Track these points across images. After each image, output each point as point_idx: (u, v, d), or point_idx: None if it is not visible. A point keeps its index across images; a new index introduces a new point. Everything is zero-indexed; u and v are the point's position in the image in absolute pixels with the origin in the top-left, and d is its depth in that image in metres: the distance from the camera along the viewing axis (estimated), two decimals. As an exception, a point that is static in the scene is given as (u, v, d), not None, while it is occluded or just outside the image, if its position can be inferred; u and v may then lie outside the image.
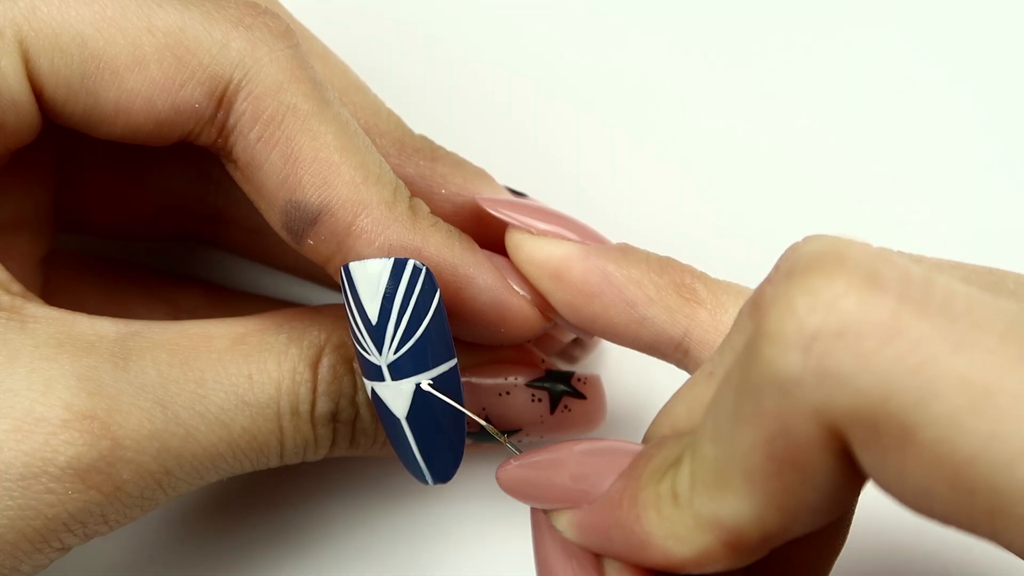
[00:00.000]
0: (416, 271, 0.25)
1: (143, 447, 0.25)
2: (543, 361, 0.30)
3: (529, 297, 0.28)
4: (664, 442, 0.22)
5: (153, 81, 0.25)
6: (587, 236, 0.29)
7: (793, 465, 0.18)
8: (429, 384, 0.25)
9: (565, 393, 0.29)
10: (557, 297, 0.27)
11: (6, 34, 0.25)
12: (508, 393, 0.29)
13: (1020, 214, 0.35)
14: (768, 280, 0.21)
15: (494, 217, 0.29)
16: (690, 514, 0.20)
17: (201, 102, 0.26)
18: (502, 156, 0.34)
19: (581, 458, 0.24)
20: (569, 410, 0.29)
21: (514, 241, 0.28)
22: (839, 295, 0.17)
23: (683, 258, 0.28)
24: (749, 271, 0.26)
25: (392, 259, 0.25)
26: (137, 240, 0.34)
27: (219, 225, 0.33)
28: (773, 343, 0.18)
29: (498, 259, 0.28)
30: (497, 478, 0.25)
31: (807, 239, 0.20)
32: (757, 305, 0.21)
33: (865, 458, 0.18)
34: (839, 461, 0.18)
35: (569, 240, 0.28)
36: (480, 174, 0.31)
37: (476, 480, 0.33)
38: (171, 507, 0.32)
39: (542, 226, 0.28)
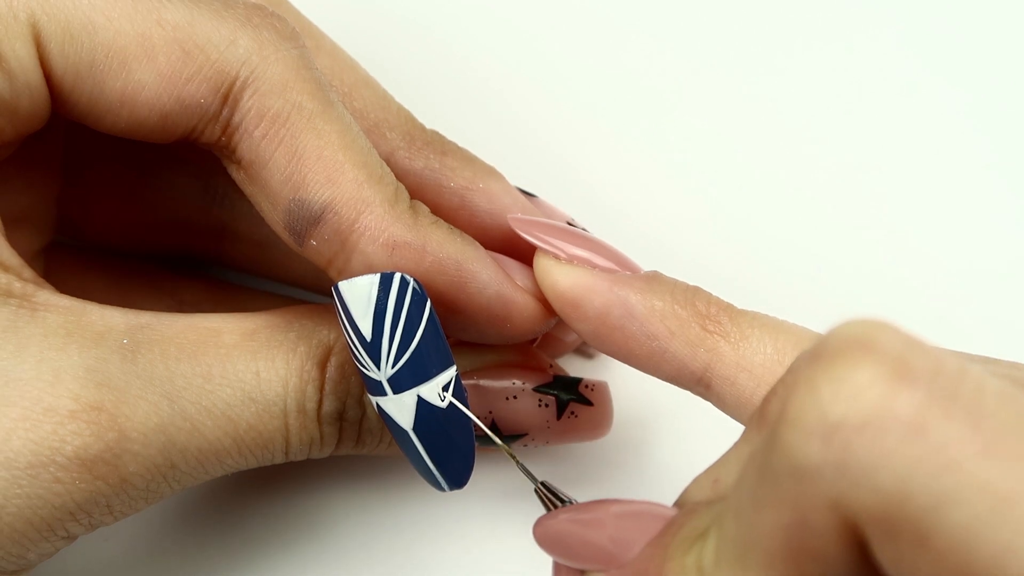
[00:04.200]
0: (404, 283, 0.25)
1: (149, 440, 0.25)
2: (551, 367, 0.30)
3: (533, 291, 0.28)
4: (695, 511, 0.22)
5: (160, 73, 0.25)
6: (619, 262, 0.28)
7: (810, 554, 0.18)
8: (441, 394, 0.26)
9: (572, 399, 0.29)
10: (579, 327, 0.27)
11: (20, 17, 0.25)
12: (515, 397, 0.29)
13: (1021, 216, 0.35)
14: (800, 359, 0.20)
15: (501, 219, 0.29)
16: None
17: (206, 97, 0.26)
18: (511, 154, 0.34)
19: (616, 520, 0.23)
20: (576, 416, 0.29)
21: (541, 267, 0.28)
22: (864, 386, 0.17)
23: (687, 259, 0.28)
24: (754, 271, 0.26)
25: (379, 275, 0.25)
26: (139, 253, 0.33)
27: (223, 239, 0.33)
28: (794, 429, 0.17)
29: (500, 257, 0.28)
30: (534, 533, 0.25)
31: (845, 323, 0.19)
32: (786, 384, 0.20)
33: (881, 554, 0.17)
34: (857, 554, 0.17)
35: (597, 268, 0.27)
36: (490, 171, 0.31)
37: (480, 481, 0.32)
38: (175, 500, 0.32)
39: (573, 250, 0.28)
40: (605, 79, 0.37)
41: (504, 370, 0.29)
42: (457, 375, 0.26)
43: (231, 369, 0.26)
